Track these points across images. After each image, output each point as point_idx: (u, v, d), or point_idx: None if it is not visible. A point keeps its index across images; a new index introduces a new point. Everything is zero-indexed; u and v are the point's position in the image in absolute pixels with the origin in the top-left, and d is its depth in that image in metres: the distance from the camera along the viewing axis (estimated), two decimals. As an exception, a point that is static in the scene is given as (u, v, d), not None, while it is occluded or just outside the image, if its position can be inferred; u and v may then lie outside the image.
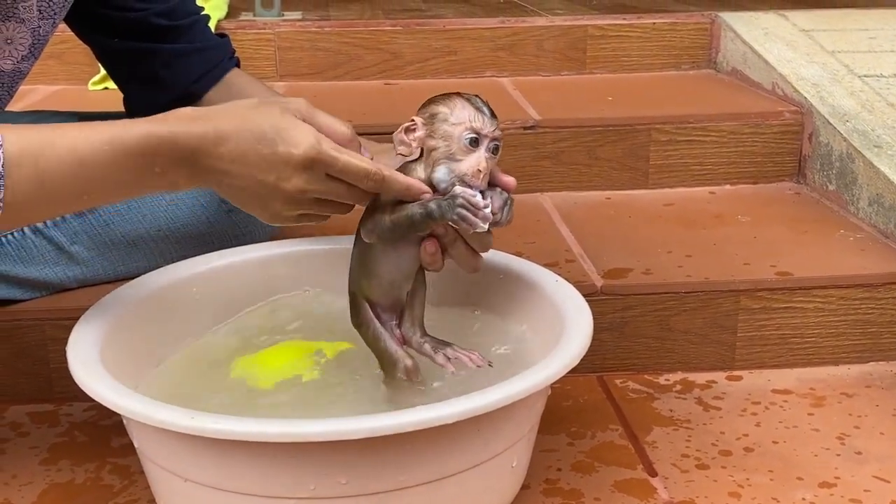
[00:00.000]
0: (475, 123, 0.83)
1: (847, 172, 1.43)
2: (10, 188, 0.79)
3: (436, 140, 0.84)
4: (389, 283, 0.89)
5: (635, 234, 1.36)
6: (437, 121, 0.84)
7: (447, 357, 0.90)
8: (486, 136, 0.84)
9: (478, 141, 0.83)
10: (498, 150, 0.85)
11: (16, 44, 0.97)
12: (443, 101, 0.85)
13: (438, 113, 0.84)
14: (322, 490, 0.75)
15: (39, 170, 0.79)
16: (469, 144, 0.83)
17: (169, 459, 0.80)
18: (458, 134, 0.83)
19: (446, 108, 0.84)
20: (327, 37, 1.88)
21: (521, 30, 1.90)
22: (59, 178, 0.80)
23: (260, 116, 0.81)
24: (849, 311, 1.20)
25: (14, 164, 0.79)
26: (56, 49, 1.77)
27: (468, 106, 0.84)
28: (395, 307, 0.91)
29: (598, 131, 1.54)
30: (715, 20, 1.92)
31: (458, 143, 0.83)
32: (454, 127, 0.83)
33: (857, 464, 0.99)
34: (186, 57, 1.14)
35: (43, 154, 0.79)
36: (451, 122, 0.84)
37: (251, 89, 1.15)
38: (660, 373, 1.19)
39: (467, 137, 0.83)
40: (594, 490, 0.94)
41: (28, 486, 0.95)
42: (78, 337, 0.86)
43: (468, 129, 0.83)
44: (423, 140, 0.84)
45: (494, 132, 0.84)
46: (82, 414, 1.08)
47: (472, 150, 0.83)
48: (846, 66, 1.68)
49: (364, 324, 0.91)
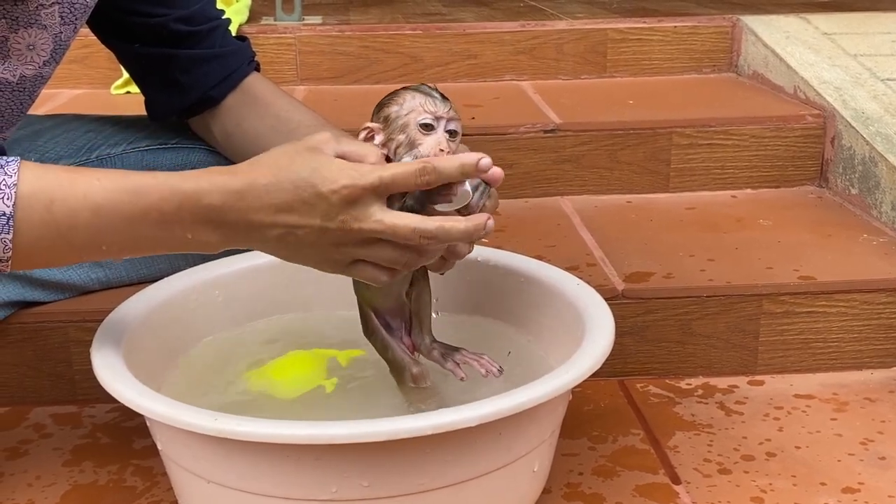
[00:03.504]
0: (427, 107, 0.83)
1: (870, 176, 1.42)
2: (20, 231, 0.77)
3: (395, 137, 0.83)
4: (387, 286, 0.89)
5: (657, 237, 1.36)
6: (391, 120, 0.84)
7: (456, 363, 0.91)
8: (440, 118, 0.83)
9: (433, 125, 0.83)
10: (457, 134, 0.84)
11: (38, 50, 0.97)
12: (391, 99, 0.85)
13: (390, 113, 0.84)
14: (344, 492, 0.76)
15: (53, 214, 0.77)
16: (425, 129, 0.83)
17: (192, 461, 0.80)
18: (412, 121, 0.83)
19: (396, 105, 0.84)
20: (348, 41, 1.88)
21: (542, 33, 1.90)
22: (73, 224, 0.78)
23: (294, 164, 0.78)
24: (872, 315, 1.19)
25: (26, 206, 0.77)
26: (79, 53, 1.79)
27: (416, 94, 0.84)
28: (400, 312, 0.92)
29: (618, 135, 1.54)
30: (736, 24, 1.91)
31: (415, 130, 0.83)
32: (407, 117, 0.83)
33: (880, 469, 0.99)
34: (205, 62, 1.14)
35: (57, 198, 0.77)
36: (403, 115, 0.84)
37: (267, 96, 1.15)
38: (681, 377, 1.18)
39: (422, 122, 0.83)
40: (616, 494, 0.94)
41: (51, 487, 0.96)
42: (102, 339, 0.87)
43: (421, 113, 0.83)
44: (385, 143, 0.84)
45: (448, 112, 0.84)
46: (105, 415, 1.09)
47: (429, 133, 0.83)
48: (869, 70, 1.67)
49: (373, 334, 0.92)
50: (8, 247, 0.78)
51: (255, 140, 1.12)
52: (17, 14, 0.94)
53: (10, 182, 0.77)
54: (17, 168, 0.78)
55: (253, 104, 1.14)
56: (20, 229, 0.77)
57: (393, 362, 0.92)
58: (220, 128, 1.16)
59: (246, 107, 1.14)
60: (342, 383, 0.92)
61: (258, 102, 1.14)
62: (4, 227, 0.77)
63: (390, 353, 0.91)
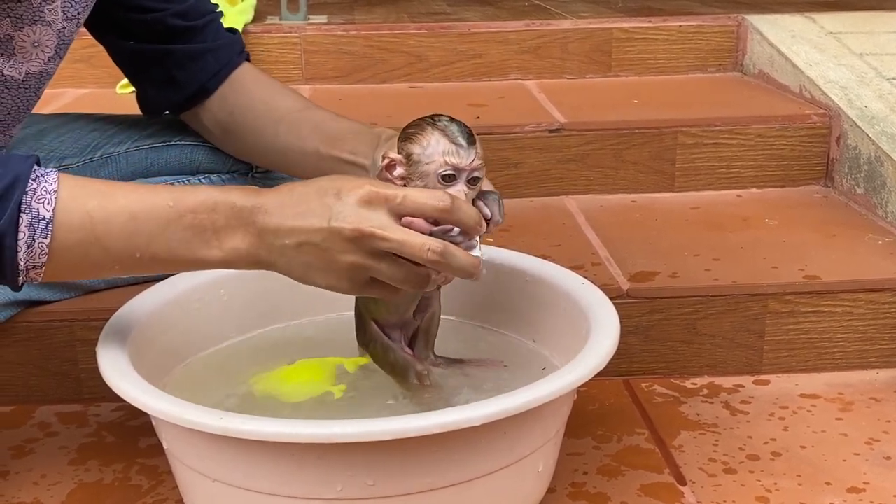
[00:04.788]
0: (450, 158, 0.80)
1: (876, 176, 1.42)
2: (57, 237, 0.78)
3: (415, 180, 0.81)
4: (396, 303, 0.90)
5: (662, 237, 1.35)
6: (413, 161, 0.81)
7: (465, 375, 0.92)
8: (463, 170, 0.80)
9: (454, 176, 0.80)
10: (478, 181, 0.82)
11: (42, 46, 0.98)
12: (417, 135, 0.81)
13: (413, 153, 0.81)
14: (349, 491, 0.76)
15: (91, 217, 0.78)
16: (445, 179, 0.80)
17: (197, 460, 0.80)
18: (433, 171, 0.80)
19: (419, 147, 0.81)
20: (352, 40, 1.88)
21: (546, 33, 1.90)
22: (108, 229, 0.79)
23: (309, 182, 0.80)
24: (877, 315, 1.19)
25: (65, 210, 0.78)
26: (85, 53, 1.79)
27: (442, 139, 0.80)
28: (401, 326, 0.93)
29: (623, 134, 1.54)
30: (742, 23, 1.91)
31: (434, 182, 0.80)
32: (428, 166, 0.80)
33: (886, 469, 0.98)
34: (200, 57, 1.14)
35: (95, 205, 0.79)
36: (424, 161, 0.80)
37: (256, 84, 1.16)
38: (686, 377, 1.18)
39: (442, 174, 0.80)
40: (621, 494, 0.94)
41: (57, 485, 0.96)
42: (108, 338, 0.87)
43: (442, 164, 0.80)
44: (405, 177, 0.81)
45: (472, 163, 0.80)
46: (110, 414, 1.09)
47: (448, 185, 0.80)
48: (874, 69, 1.67)
49: (372, 340, 0.92)
50: (44, 251, 0.78)
51: (245, 128, 1.13)
52: (21, 12, 0.94)
53: (50, 189, 0.78)
54: (57, 177, 0.79)
55: (243, 93, 1.15)
56: (58, 235, 0.78)
57: (395, 363, 0.92)
58: (211, 119, 1.16)
59: (236, 96, 1.15)
60: (350, 389, 0.92)
61: (247, 92, 1.15)
62: (43, 232, 0.78)
63: (391, 355, 0.91)
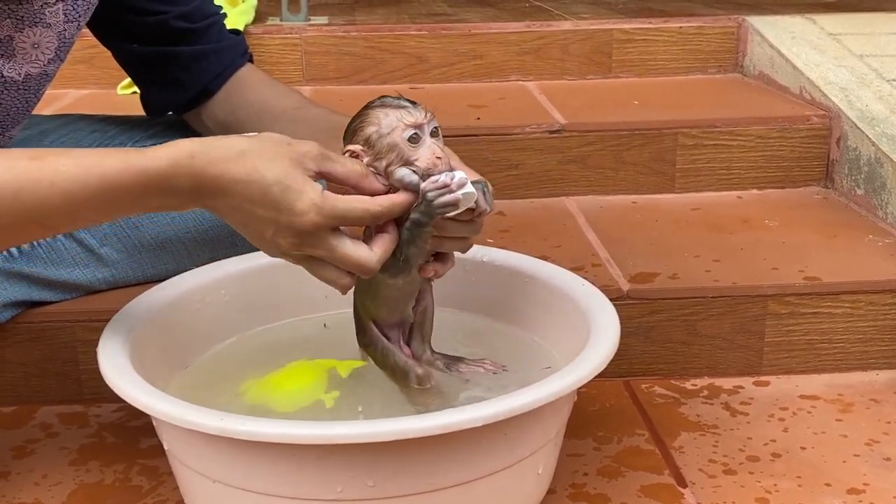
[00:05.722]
0: (406, 120, 0.82)
1: (876, 177, 1.42)
2: None
3: (384, 157, 0.83)
4: (394, 301, 0.90)
5: (662, 238, 1.35)
6: (373, 142, 0.83)
7: (460, 371, 0.92)
8: (421, 125, 0.83)
9: (419, 135, 0.83)
10: (438, 132, 0.84)
11: (42, 48, 0.98)
12: (365, 121, 0.84)
13: (370, 135, 0.83)
14: (349, 492, 0.76)
15: (22, 203, 0.78)
16: (413, 141, 0.82)
17: (198, 460, 0.80)
18: (398, 139, 0.82)
19: (373, 126, 0.83)
20: (353, 41, 1.89)
21: (547, 34, 1.90)
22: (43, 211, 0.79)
23: (270, 171, 0.78)
24: (877, 316, 1.19)
25: None
26: (86, 54, 1.79)
27: (388, 110, 0.83)
28: (400, 325, 0.93)
29: (624, 135, 1.54)
30: (742, 24, 1.91)
31: (405, 146, 0.82)
32: (391, 136, 0.82)
33: (886, 470, 0.98)
34: (204, 58, 1.15)
35: (25, 188, 0.78)
36: (385, 133, 0.83)
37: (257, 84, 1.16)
38: (686, 378, 1.18)
39: (408, 135, 0.82)
40: (621, 495, 0.94)
41: (57, 486, 0.96)
42: (108, 339, 0.87)
43: (404, 128, 0.82)
44: (373, 164, 0.83)
45: (426, 117, 0.83)
46: (111, 415, 1.09)
47: (418, 144, 0.82)
48: (875, 70, 1.67)
49: (372, 343, 0.92)
50: None
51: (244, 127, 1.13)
52: (21, 13, 0.94)
53: None
54: None
55: (244, 93, 1.16)
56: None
57: (396, 366, 0.92)
58: (213, 119, 1.17)
59: (238, 96, 1.16)
60: (342, 397, 0.91)
61: (249, 92, 1.16)
62: None
63: (392, 358, 0.92)
